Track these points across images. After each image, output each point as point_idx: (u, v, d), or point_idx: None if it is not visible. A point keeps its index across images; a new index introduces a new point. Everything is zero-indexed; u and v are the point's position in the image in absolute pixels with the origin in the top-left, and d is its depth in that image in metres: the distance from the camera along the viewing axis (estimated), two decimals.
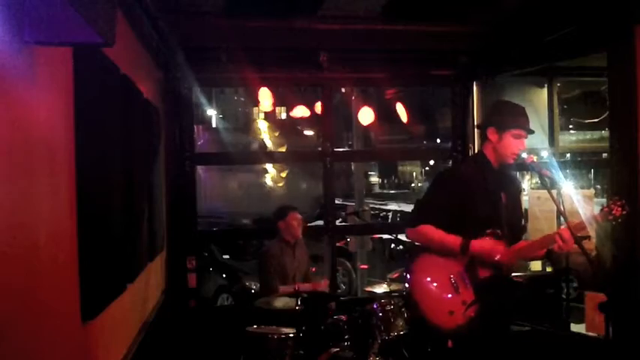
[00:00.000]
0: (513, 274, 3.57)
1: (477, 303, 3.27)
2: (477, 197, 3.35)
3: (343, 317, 4.49)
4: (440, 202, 3.40)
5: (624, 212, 3.14)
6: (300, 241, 5.41)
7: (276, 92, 5.99)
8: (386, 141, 19.08)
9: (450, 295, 3.30)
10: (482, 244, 3.29)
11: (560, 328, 5.28)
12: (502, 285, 3.41)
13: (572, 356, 4.74)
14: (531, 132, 3.44)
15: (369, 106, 6.50)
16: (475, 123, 5.89)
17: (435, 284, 3.34)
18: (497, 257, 3.27)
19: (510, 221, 3.45)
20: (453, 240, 3.30)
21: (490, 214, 3.36)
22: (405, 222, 4.32)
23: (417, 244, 3.54)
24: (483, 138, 3.51)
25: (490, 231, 3.34)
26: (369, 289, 5.57)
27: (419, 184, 33.57)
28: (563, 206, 3.18)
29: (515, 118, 3.40)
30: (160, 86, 5.14)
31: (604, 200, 4.69)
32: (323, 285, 5.18)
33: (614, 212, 3.15)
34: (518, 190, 3.65)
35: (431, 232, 3.33)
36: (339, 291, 9.33)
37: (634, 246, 4.18)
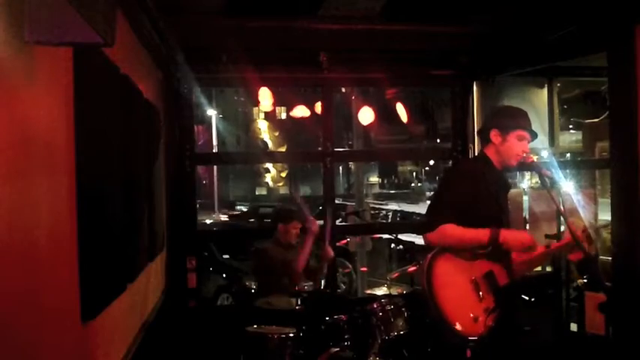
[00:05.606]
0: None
1: (496, 311, 3.18)
2: (483, 196, 3.31)
3: (343, 317, 4.49)
4: (455, 199, 3.28)
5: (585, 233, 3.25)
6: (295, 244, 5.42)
7: (276, 92, 5.98)
8: (386, 141, 19.06)
9: (474, 301, 3.18)
10: (511, 233, 3.22)
11: (560, 328, 5.27)
12: (517, 292, 3.36)
13: (572, 356, 4.74)
14: (535, 135, 3.41)
15: (369, 106, 6.49)
16: (475, 123, 5.89)
17: (458, 289, 3.18)
18: (529, 244, 3.21)
19: (506, 224, 3.42)
20: (481, 233, 3.19)
21: (492, 214, 3.31)
22: (418, 228, 4.22)
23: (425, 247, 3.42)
24: (486, 141, 3.47)
25: None
26: (369, 291, 5.55)
27: (419, 184, 33.60)
28: (564, 206, 3.18)
29: (518, 120, 3.40)
30: (160, 86, 5.14)
31: (606, 200, 4.69)
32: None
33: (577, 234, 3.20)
34: (507, 196, 3.61)
35: (454, 229, 3.18)
36: (339, 291, 9.33)
37: (634, 246, 4.17)
